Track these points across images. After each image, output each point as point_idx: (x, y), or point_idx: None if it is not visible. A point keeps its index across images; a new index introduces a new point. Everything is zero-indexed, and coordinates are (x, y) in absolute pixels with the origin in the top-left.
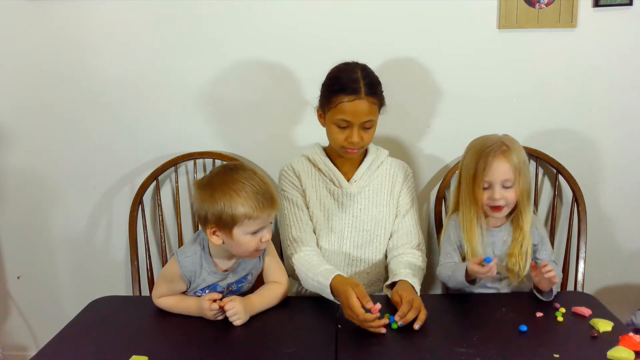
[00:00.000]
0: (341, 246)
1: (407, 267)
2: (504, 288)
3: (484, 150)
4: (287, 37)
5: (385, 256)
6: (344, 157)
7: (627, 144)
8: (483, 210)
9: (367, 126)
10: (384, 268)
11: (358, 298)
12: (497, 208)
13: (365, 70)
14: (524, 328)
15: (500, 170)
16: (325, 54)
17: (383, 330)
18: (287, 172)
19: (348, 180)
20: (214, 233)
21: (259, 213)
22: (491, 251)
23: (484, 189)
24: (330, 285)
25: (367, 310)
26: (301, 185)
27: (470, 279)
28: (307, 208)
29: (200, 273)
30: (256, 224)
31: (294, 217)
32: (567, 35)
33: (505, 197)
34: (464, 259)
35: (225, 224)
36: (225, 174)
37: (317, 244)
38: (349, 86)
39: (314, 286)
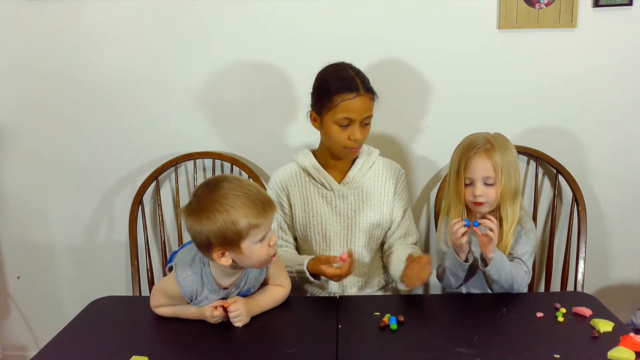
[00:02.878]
0: (338, 249)
1: (411, 251)
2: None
3: (469, 147)
4: (286, 37)
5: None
6: (337, 160)
7: (627, 144)
8: (466, 205)
9: (367, 122)
10: (382, 267)
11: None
12: (478, 203)
13: (355, 68)
14: (475, 224)
15: (480, 166)
16: (324, 54)
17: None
18: (274, 186)
19: (339, 182)
20: (222, 255)
21: (262, 219)
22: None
23: (467, 185)
24: (308, 269)
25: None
26: (288, 200)
27: (459, 253)
28: (292, 223)
29: (202, 291)
30: (262, 231)
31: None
32: (567, 35)
33: (486, 193)
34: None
35: (232, 241)
36: (212, 192)
37: (313, 249)
38: (348, 84)
39: (294, 279)
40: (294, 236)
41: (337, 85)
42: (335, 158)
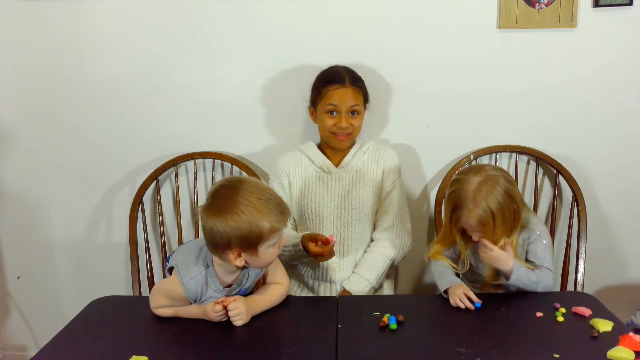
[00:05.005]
0: (331, 226)
1: (358, 269)
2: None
3: (457, 204)
4: (286, 37)
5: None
6: (334, 148)
7: (627, 144)
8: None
9: (355, 110)
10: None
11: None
12: None
13: (348, 68)
14: (477, 305)
15: (470, 223)
16: (325, 55)
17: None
18: (278, 167)
19: (336, 167)
20: (238, 256)
21: (282, 225)
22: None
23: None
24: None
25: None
26: (289, 180)
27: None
28: (291, 203)
29: (206, 291)
30: (278, 235)
31: None
32: (567, 35)
33: (484, 237)
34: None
35: (252, 243)
36: (233, 192)
37: (308, 227)
38: (335, 77)
39: (290, 253)
40: (293, 217)
41: (326, 79)
42: (333, 149)
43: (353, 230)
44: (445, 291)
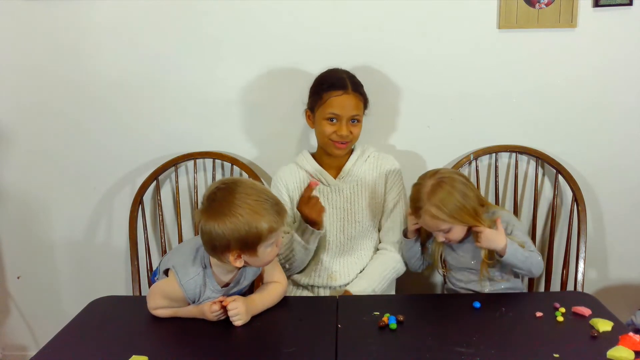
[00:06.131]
0: (334, 239)
1: (365, 274)
2: (484, 287)
3: (414, 204)
4: (287, 37)
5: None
6: (332, 156)
7: (627, 144)
8: None
9: (355, 118)
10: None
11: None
12: None
13: (349, 72)
14: (477, 305)
15: (429, 224)
16: (325, 55)
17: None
18: (276, 182)
19: (335, 178)
20: (238, 257)
21: (280, 225)
22: (468, 261)
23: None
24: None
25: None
26: (288, 196)
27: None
28: (292, 217)
29: (204, 292)
30: (277, 235)
31: None
32: (567, 35)
33: (448, 237)
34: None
35: (251, 244)
36: (230, 195)
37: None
38: (337, 83)
39: (299, 242)
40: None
41: (328, 84)
42: (330, 156)
43: (356, 242)
44: (406, 235)
